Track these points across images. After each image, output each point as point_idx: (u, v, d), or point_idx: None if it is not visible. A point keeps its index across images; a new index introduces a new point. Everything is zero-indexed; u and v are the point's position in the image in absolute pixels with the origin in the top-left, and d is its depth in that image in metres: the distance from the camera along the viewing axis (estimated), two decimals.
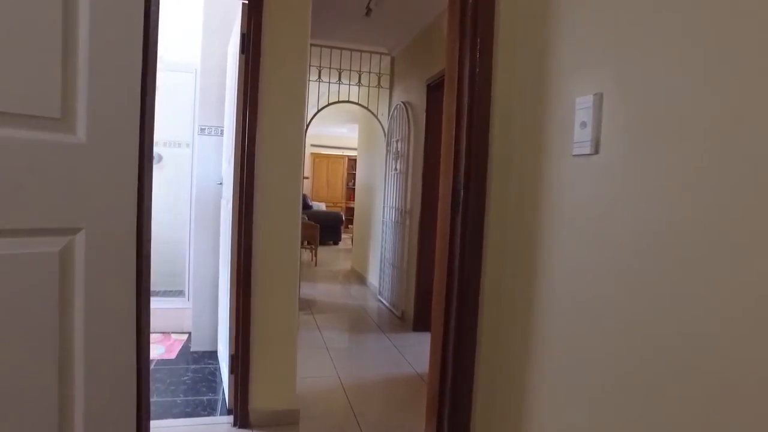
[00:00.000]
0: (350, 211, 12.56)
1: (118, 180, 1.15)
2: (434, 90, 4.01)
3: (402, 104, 4.61)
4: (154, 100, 1.31)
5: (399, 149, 4.71)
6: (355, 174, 13.36)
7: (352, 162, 13.15)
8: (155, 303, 3.93)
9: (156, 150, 4.83)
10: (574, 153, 1.16)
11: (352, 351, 3.71)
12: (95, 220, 1.10)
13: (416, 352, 3.56)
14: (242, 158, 2.44)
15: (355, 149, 12.70)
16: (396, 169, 4.77)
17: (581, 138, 1.12)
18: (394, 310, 4.62)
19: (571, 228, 1.20)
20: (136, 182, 1.20)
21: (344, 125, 11.27)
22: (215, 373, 3.02)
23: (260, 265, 2.46)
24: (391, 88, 5.20)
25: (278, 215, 2.51)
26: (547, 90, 1.29)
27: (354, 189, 13.29)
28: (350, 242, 9.53)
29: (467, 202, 1.53)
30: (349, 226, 11.85)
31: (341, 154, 13.20)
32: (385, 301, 4.96)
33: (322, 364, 3.30)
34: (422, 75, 4.18)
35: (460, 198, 1.57)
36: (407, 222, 4.40)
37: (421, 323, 4.08)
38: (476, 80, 1.50)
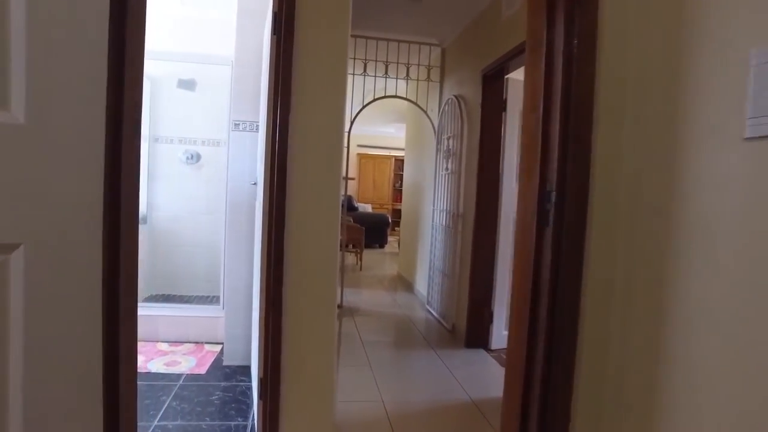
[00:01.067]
0: (397, 213, 12.23)
1: (76, 176, 0.84)
2: (491, 80, 3.60)
3: (454, 98, 4.22)
4: (139, 80, 1.00)
5: (450, 147, 4.32)
6: (402, 175, 13.08)
7: (399, 162, 12.82)
8: (188, 310, 3.73)
9: (194, 149, 4.65)
10: (747, 135, 0.76)
11: (397, 369, 3.36)
12: (39, 232, 0.80)
13: (469, 374, 3.16)
14: (272, 155, 2.13)
15: (402, 149, 12.38)
16: (447, 168, 4.39)
17: (761, 110, 0.73)
18: (443, 323, 4.23)
19: (741, 235, 0.80)
20: (102, 178, 0.88)
21: (391, 124, 10.95)
22: (247, 393, 2.73)
23: (293, 277, 2.15)
24: (441, 82, 4.82)
25: (315, 221, 2.20)
26: (693, 42, 0.89)
27: (401, 190, 12.99)
28: (397, 246, 9.19)
29: (561, 212, 1.15)
30: (396, 228, 11.53)
31: (388, 154, 12.89)
32: (433, 312, 4.58)
33: (364, 384, 2.96)
34: (477, 65, 3.78)
35: (549, 206, 1.18)
36: (459, 227, 4.01)
37: (473, 339, 3.68)
38: (573, 45, 1.11)
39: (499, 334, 3.64)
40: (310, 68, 2.12)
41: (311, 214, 2.18)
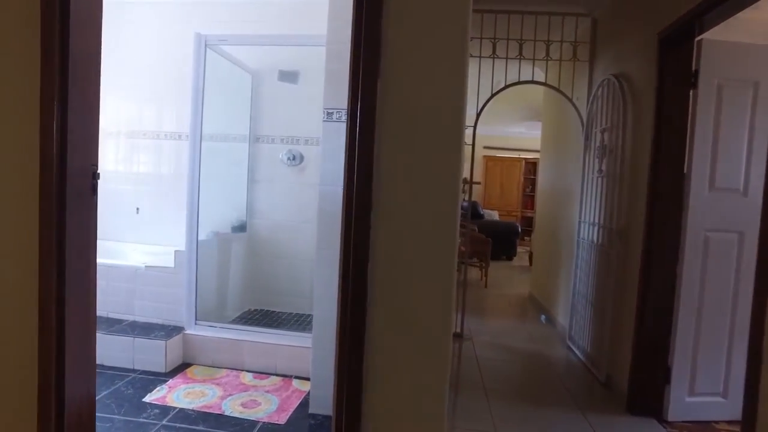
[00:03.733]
0: (526, 220, 11.09)
1: None
2: (672, 46, 2.59)
3: (612, 78, 3.23)
4: None
5: (605, 142, 3.33)
6: (533, 179, 11.86)
7: (530, 165, 11.65)
8: (277, 337, 3.18)
9: (296, 148, 4.19)
10: None
11: None
12: None
13: None
14: (351, 153, 1.52)
15: (533, 150, 11.20)
16: (600, 170, 3.40)
17: None
18: (593, 370, 3.24)
19: None
20: None
21: (521, 123, 9.86)
22: None
23: (383, 301, 1.55)
24: (591, 61, 3.82)
25: (418, 240, 1.54)
26: None
27: (532, 196, 11.80)
28: (527, 259, 8.13)
29: None
30: (525, 238, 10.40)
31: (517, 156, 11.77)
32: (577, 352, 3.60)
33: None
34: (649, 28, 2.78)
35: None
36: (618, 246, 3.01)
37: (639, 402, 2.68)
38: None
39: (680, 401, 2.60)
40: (410, 34, 1.49)
41: (414, 229, 1.51)
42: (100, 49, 1.60)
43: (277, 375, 2.97)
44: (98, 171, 1.62)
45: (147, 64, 3.96)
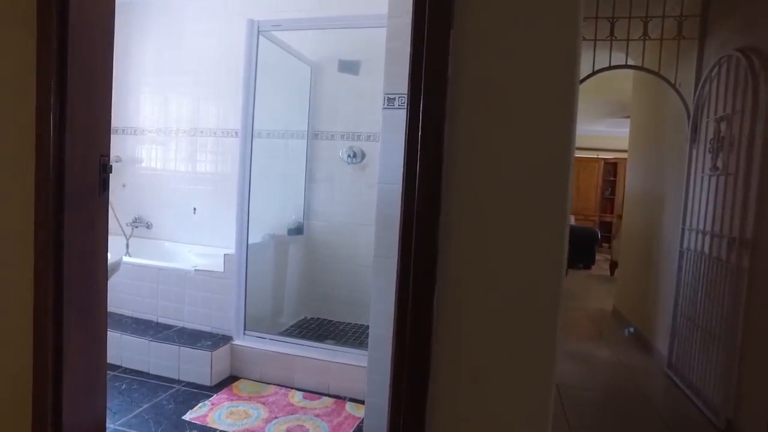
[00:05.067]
0: (604, 225, 10.23)
1: None
2: None
3: (736, 54, 2.65)
4: None
5: (722, 134, 2.76)
6: (612, 181, 10.97)
7: (609, 166, 10.79)
8: (330, 354, 2.86)
9: (357, 145, 3.89)
10: None
11: None
12: None
13: None
14: (411, 140, 1.17)
15: (612, 150, 10.33)
16: (714, 167, 2.83)
17: None
18: (706, 412, 2.68)
19: None
20: None
21: (602, 121, 9.07)
22: None
23: (454, 363, 1.16)
24: (702, 37, 3.22)
25: (507, 261, 1.16)
26: None
27: (611, 199, 10.91)
28: (607, 267, 7.42)
29: None
30: (604, 244, 9.58)
31: (595, 156, 10.92)
32: (682, 385, 3.02)
33: None
34: None
35: None
36: (742, 260, 2.45)
37: None
38: None
39: None
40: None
41: (500, 233, 1.14)
42: (111, 22, 1.33)
43: (329, 396, 2.65)
44: (111, 164, 1.36)
45: (206, 59, 3.81)
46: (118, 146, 4.10)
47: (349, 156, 3.60)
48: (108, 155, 1.34)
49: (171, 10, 3.94)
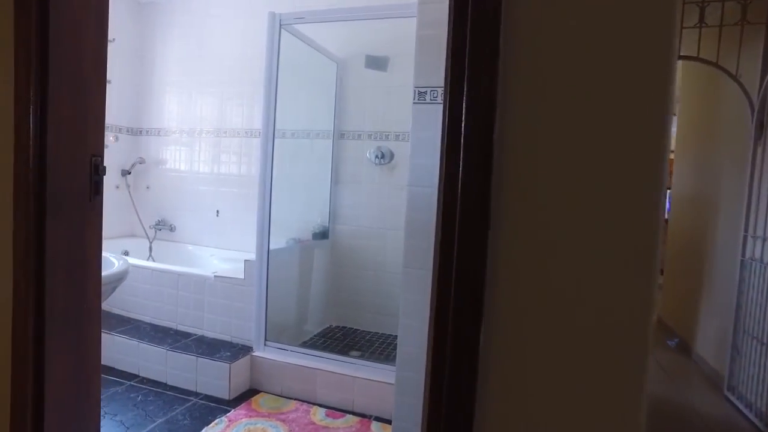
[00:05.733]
0: None
1: None
2: None
3: None
4: None
5: None
6: None
7: None
8: (354, 368, 2.62)
9: (385, 145, 3.70)
10: None
11: None
12: None
13: None
14: (452, 133, 0.95)
15: None
16: None
17: None
18: None
19: None
20: None
21: None
22: None
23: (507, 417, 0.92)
24: None
25: (579, 284, 0.91)
26: None
27: None
28: None
29: None
30: None
31: None
32: (744, 409, 2.72)
33: None
34: None
35: None
36: None
37: None
38: None
39: None
40: None
41: (570, 248, 0.90)
42: (104, 4, 1.18)
43: (353, 414, 2.47)
44: (104, 165, 1.20)
45: (230, 57, 3.70)
46: (142, 148, 4.03)
47: (376, 157, 3.42)
48: (101, 155, 1.19)
49: (194, 9, 3.84)
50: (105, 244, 3.58)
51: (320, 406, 2.54)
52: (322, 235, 3.56)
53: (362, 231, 3.53)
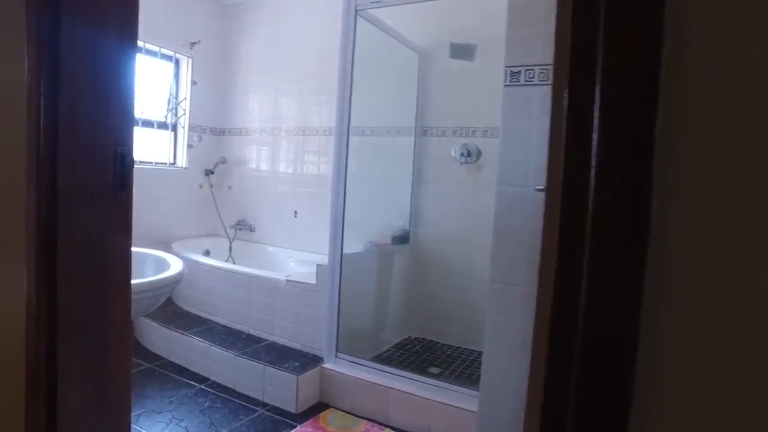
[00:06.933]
0: None
1: None
2: None
3: None
4: None
5: None
6: None
7: None
8: (431, 390, 2.15)
9: (472, 142, 3.37)
10: None
11: None
12: None
13: None
14: (573, 132, 0.61)
15: None
16: None
17: None
18: None
19: None
20: None
21: None
22: None
23: None
24: None
25: None
26: None
27: None
28: None
29: None
30: None
31: None
32: None
33: None
34: None
35: None
36: None
37: None
38: None
39: None
40: None
41: None
42: None
43: None
44: (132, 156, 1.03)
45: (311, 53, 3.58)
46: (224, 147, 4.03)
47: (462, 155, 3.12)
48: (128, 144, 1.02)
49: (276, 5, 3.77)
50: (189, 242, 3.57)
51: (392, 428, 2.29)
52: (402, 239, 3.32)
53: (446, 236, 3.24)
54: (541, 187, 1.31)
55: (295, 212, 3.69)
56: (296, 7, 3.65)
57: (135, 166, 1.04)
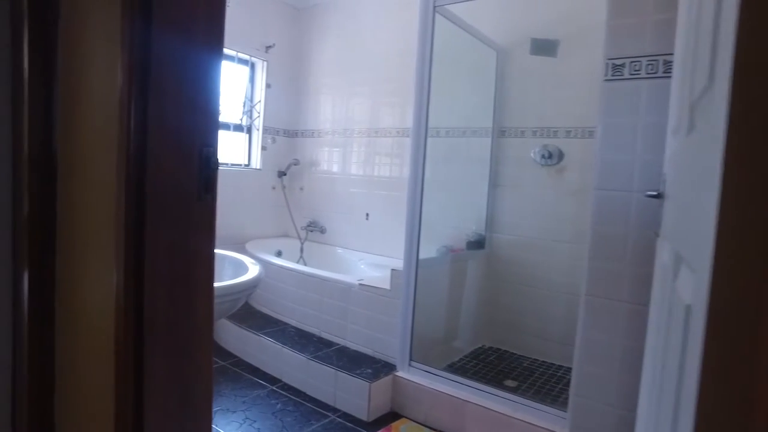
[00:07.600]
0: None
1: None
2: None
3: None
4: None
5: None
6: None
7: None
8: (509, 406, 1.95)
9: (553, 143, 3.17)
10: None
11: None
12: None
13: None
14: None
15: None
16: None
17: None
18: None
19: None
20: None
21: None
22: None
23: None
24: None
25: None
26: None
27: None
28: None
29: None
30: None
31: None
32: None
33: None
34: None
35: None
36: None
37: None
38: None
39: None
40: None
41: None
42: None
43: None
44: (217, 157, 0.99)
45: (385, 53, 3.53)
46: (297, 150, 4.06)
47: (542, 156, 2.94)
48: (213, 145, 0.98)
49: (348, 7, 3.75)
50: (261, 243, 3.62)
51: None
52: (478, 244, 3.18)
53: (524, 242, 3.07)
54: (654, 193, 1.16)
55: (367, 214, 3.64)
56: (369, 8, 3.62)
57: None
